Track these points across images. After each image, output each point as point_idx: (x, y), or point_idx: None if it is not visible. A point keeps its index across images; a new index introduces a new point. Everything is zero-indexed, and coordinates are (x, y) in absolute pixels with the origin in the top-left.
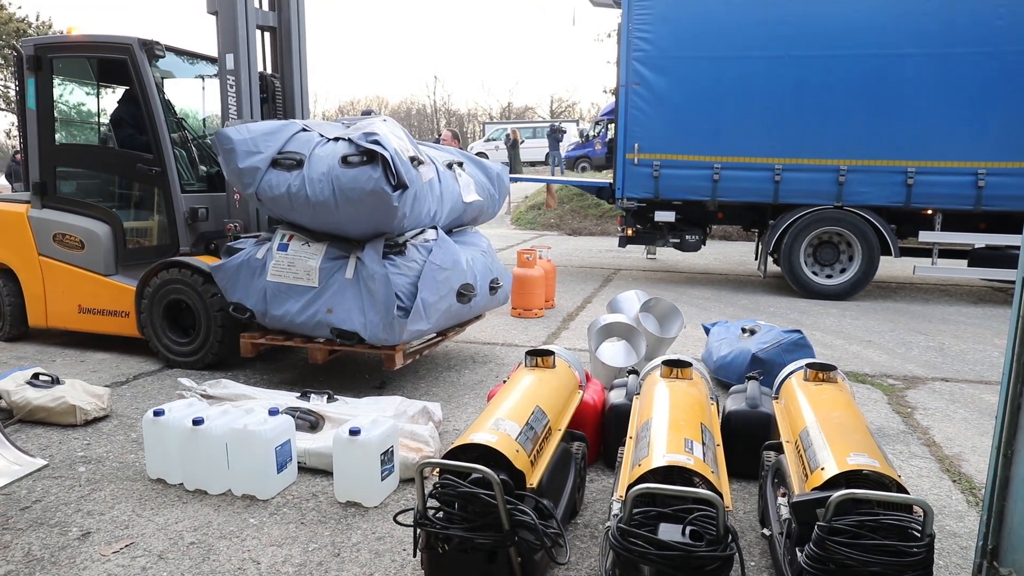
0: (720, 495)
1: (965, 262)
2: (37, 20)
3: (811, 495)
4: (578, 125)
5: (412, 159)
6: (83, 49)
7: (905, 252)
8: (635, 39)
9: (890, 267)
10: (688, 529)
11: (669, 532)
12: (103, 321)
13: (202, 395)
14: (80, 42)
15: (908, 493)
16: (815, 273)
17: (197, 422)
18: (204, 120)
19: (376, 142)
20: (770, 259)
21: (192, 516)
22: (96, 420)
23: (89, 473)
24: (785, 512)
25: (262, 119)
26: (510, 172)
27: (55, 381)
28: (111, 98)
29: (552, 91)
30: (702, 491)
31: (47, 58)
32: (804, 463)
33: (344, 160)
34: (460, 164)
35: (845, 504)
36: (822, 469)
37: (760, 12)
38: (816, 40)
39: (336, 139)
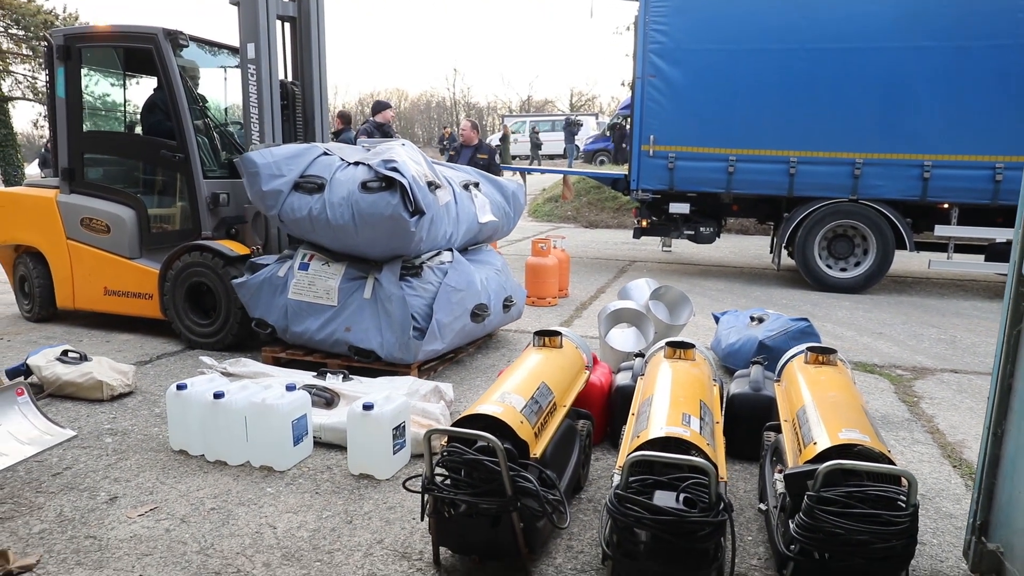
0: (715, 466)
1: (982, 257)
2: (64, 12)
3: (802, 467)
4: (597, 119)
5: (430, 184)
6: (110, 39)
7: (921, 246)
8: (651, 31)
9: (906, 262)
10: (682, 496)
11: (664, 499)
12: (128, 303)
13: (223, 373)
14: (107, 32)
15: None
16: (829, 266)
17: (218, 396)
18: (226, 109)
19: (395, 169)
20: (784, 252)
21: (212, 484)
22: (121, 396)
23: (115, 444)
24: (780, 487)
25: (282, 119)
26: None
27: (83, 358)
28: (136, 87)
29: (572, 84)
30: (695, 459)
31: (76, 48)
32: (799, 439)
33: (364, 185)
34: (476, 184)
35: (834, 475)
36: (815, 443)
37: (776, 5)
38: (832, 33)
39: (356, 163)
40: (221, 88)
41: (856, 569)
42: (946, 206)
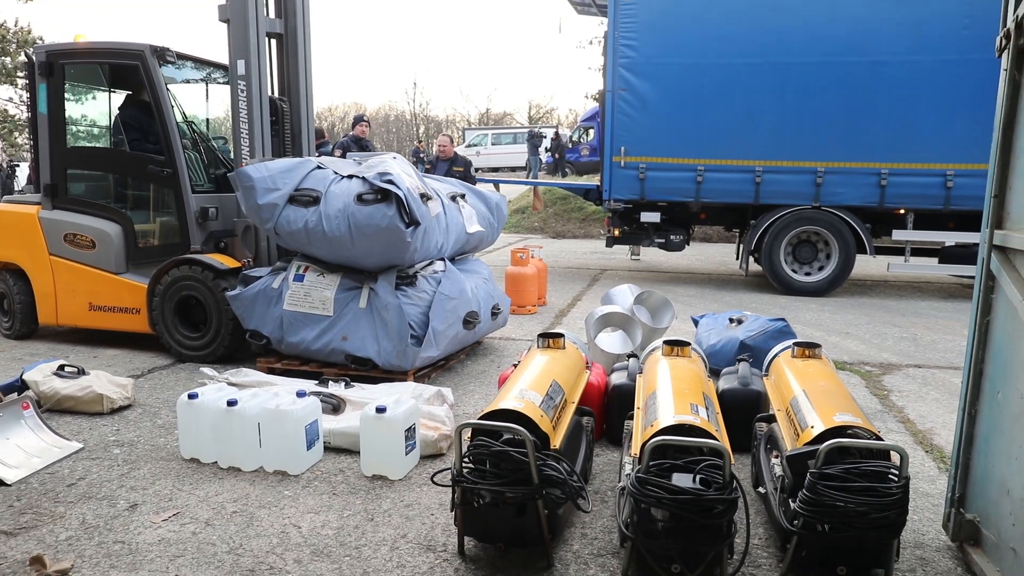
0: (727, 450)
1: (936, 259)
2: (16, 25)
3: (803, 449)
4: (557, 131)
5: (423, 195)
6: (95, 56)
7: (880, 250)
8: (621, 46)
9: (866, 265)
10: (698, 477)
11: (681, 480)
12: (113, 318)
13: (228, 383)
14: (92, 49)
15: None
16: (794, 271)
17: (231, 403)
18: (208, 122)
19: (391, 181)
20: (751, 258)
21: (230, 490)
22: (121, 409)
23: (124, 454)
24: (778, 470)
25: (271, 134)
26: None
27: (81, 372)
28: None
29: (530, 97)
30: (712, 441)
31: (59, 64)
32: (795, 426)
33: (359, 198)
34: (463, 196)
35: (832, 453)
36: (811, 427)
37: (741, 21)
38: (795, 48)
39: (350, 176)
40: (202, 103)
41: (854, 539)
42: (902, 212)
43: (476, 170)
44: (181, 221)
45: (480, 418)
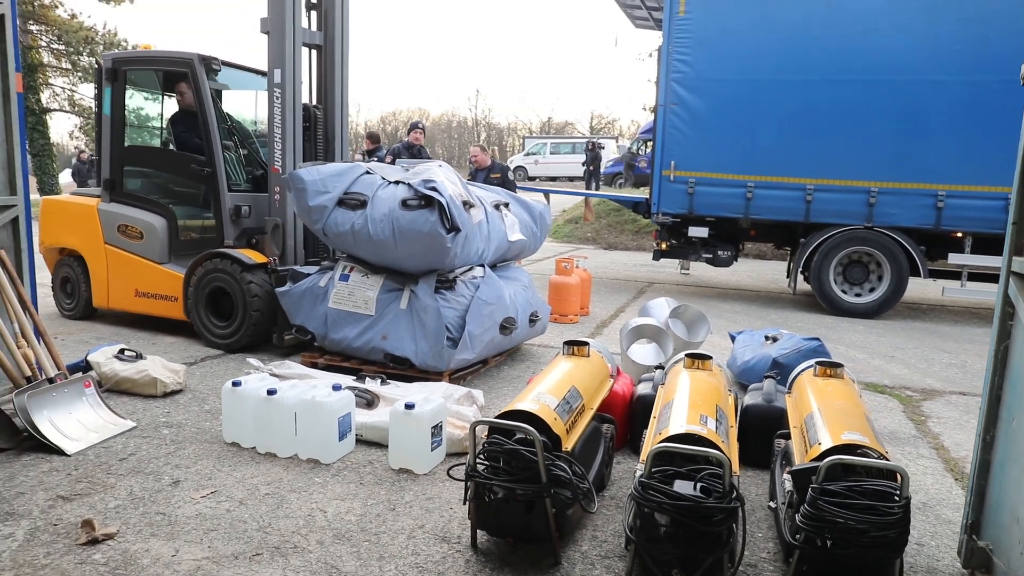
0: (728, 459)
1: (995, 285)
2: (104, 28)
3: (807, 464)
4: (617, 142)
5: (465, 203)
6: (151, 63)
7: (935, 274)
8: (674, 61)
9: (923, 289)
10: (699, 485)
11: (682, 487)
12: (156, 304)
13: (271, 373)
14: (149, 56)
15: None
16: (844, 291)
17: (271, 392)
18: (255, 125)
19: (434, 188)
20: (800, 276)
21: (265, 473)
22: (173, 392)
23: (172, 435)
24: (788, 485)
25: (304, 140)
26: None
27: (139, 356)
28: (172, 105)
29: (592, 107)
30: (711, 451)
31: (122, 70)
32: (806, 442)
33: (404, 203)
34: (506, 205)
35: (835, 470)
36: (819, 444)
37: (796, 39)
38: (851, 66)
39: (397, 182)
40: (252, 108)
41: (855, 556)
42: (960, 235)
43: (533, 178)
44: (217, 217)
45: (497, 417)
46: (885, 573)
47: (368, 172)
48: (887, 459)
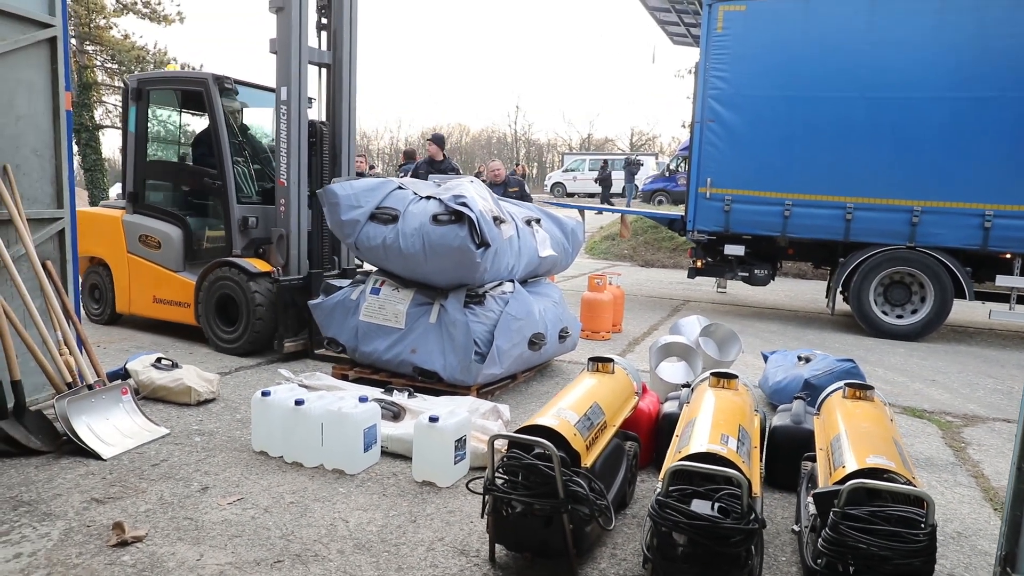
0: (748, 480)
1: None
2: (155, 47)
3: (830, 488)
4: (657, 159)
5: (495, 218)
6: (171, 83)
7: (982, 296)
8: (711, 77)
9: (970, 312)
10: (717, 506)
11: (700, 507)
12: (171, 310)
13: (300, 384)
14: (169, 76)
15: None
16: (885, 312)
17: (299, 403)
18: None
19: (464, 204)
20: (840, 297)
21: (291, 482)
22: (207, 401)
23: (203, 442)
24: (812, 508)
25: (309, 156)
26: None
27: (175, 365)
28: (191, 123)
29: (633, 123)
30: (729, 471)
31: (146, 90)
32: (831, 464)
33: (435, 218)
34: (538, 221)
35: (859, 494)
36: (843, 467)
37: (837, 54)
38: (893, 82)
39: (428, 197)
40: (269, 124)
41: None
42: (1008, 256)
43: (571, 195)
44: (226, 227)
45: (516, 432)
46: None
47: (400, 187)
48: (914, 485)
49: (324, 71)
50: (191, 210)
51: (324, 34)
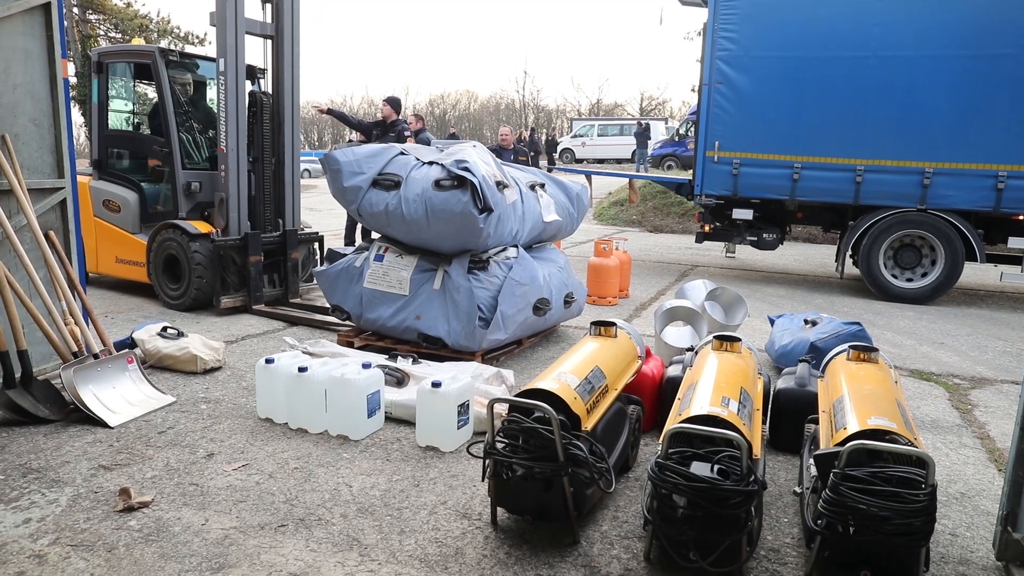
0: (748, 443)
1: None
2: (158, 15)
3: (831, 449)
4: (667, 123)
5: (498, 183)
6: (124, 56)
7: (993, 258)
8: (720, 38)
9: (981, 274)
10: (716, 468)
11: (699, 469)
12: (130, 269)
13: (304, 351)
14: (122, 50)
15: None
16: (894, 276)
17: (302, 369)
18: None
19: (466, 168)
20: (849, 260)
21: (295, 448)
22: (212, 369)
23: (209, 410)
24: (813, 470)
25: (248, 122)
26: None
27: (180, 334)
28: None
29: (642, 88)
30: (728, 432)
31: (105, 63)
32: (833, 426)
33: (437, 184)
34: (542, 186)
35: (859, 456)
36: (845, 428)
37: (845, 12)
38: (904, 41)
39: (430, 163)
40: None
41: (877, 543)
42: (1021, 218)
43: (580, 161)
44: (172, 192)
45: (517, 396)
46: (909, 561)
47: (402, 153)
48: (916, 446)
49: (269, 43)
50: (146, 176)
51: (268, 6)
